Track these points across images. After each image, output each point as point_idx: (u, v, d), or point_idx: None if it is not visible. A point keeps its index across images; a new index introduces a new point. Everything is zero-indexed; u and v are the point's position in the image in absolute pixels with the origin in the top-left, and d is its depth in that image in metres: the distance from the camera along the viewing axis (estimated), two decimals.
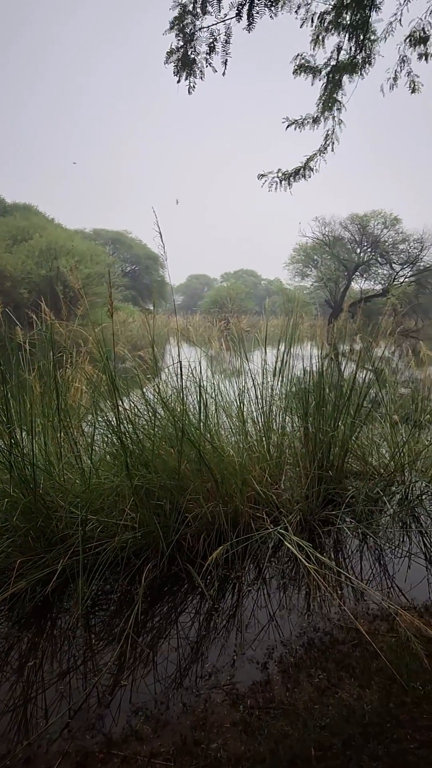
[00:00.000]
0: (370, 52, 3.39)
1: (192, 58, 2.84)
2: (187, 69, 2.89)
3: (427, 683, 1.68)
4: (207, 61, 2.91)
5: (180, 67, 2.89)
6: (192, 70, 2.89)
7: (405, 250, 31.18)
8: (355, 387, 3.55)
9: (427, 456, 3.63)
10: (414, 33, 4.46)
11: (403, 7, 4.17)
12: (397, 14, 4.20)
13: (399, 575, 2.62)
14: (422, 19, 4.43)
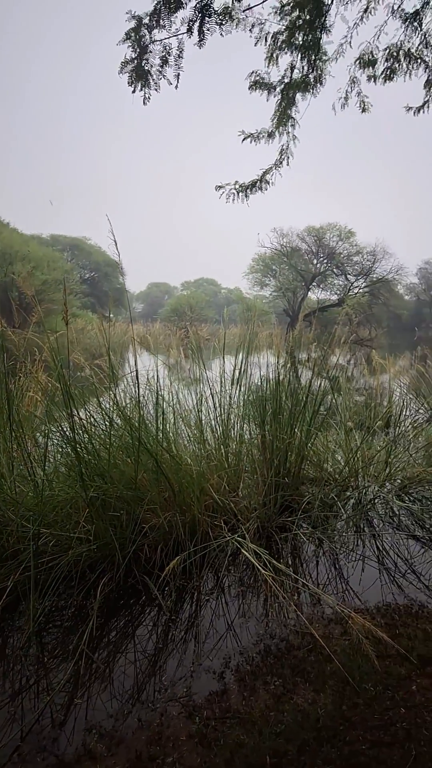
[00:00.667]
0: (322, 72, 3.54)
1: (146, 69, 2.87)
2: (141, 80, 2.91)
3: (378, 684, 1.73)
4: (161, 73, 2.95)
5: (134, 78, 2.91)
6: (147, 82, 2.92)
7: (359, 262, 32.44)
8: (311, 395, 3.63)
9: (379, 461, 3.75)
10: (363, 56, 4.69)
11: (352, 30, 4.38)
12: (347, 37, 4.40)
13: (353, 578, 2.68)
14: (370, 43, 4.67)
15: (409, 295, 48.18)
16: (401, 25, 4.66)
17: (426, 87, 4.97)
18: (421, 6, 4.50)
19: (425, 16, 4.52)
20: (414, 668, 1.82)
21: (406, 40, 4.74)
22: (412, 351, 9.70)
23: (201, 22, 2.65)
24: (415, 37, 4.72)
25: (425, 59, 4.77)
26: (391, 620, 2.18)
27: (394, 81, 4.94)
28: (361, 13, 4.33)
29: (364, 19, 4.40)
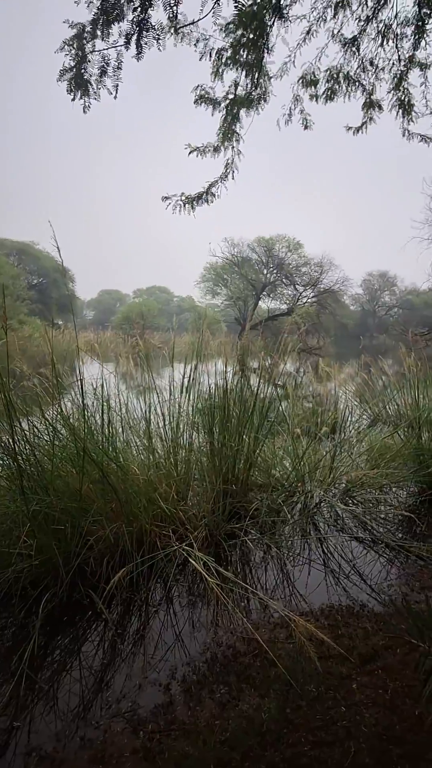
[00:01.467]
0: (265, 89, 3.66)
1: (85, 79, 2.86)
2: (81, 89, 2.90)
3: (320, 684, 1.77)
4: (100, 82, 2.95)
5: (74, 86, 2.89)
6: (86, 90, 2.91)
7: (307, 273, 33.52)
8: (259, 402, 3.70)
9: (325, 466, 3.86)
10: (305, 75, 4.89)
11: (295, 50, 4.56)
12: (291, 56, 4.58)
13: (300, 582, 2.74)
14: (312, 64, 4.88)
15: (355, 305, 50.18)
16: (341, 49, 4.90)
17: (364, 109, 5.24)
18: (359, 33, 4.75)
19: (362, 42, 4.77)
20: (354, 667, 1.88)
21: (345, 64, 4.99)
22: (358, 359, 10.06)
23: (138, 36, 2.68)
24: (353, 61, 4.97)
25: (363, 83, 5.04)
26: (334, 621, 2.24)
27: (335, 101, 5.19)
28: (303, 34, 4.52)
29: (307, 41, 4.60)
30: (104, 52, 2.81)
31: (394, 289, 52.24)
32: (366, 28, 4.68)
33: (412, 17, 4.45)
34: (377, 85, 4.98)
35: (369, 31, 4.78)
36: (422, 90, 4.94)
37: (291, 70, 4.70)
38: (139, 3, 2.55)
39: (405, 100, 4.93)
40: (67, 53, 2.81)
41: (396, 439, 4.47)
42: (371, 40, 4.80)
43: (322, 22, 4.53)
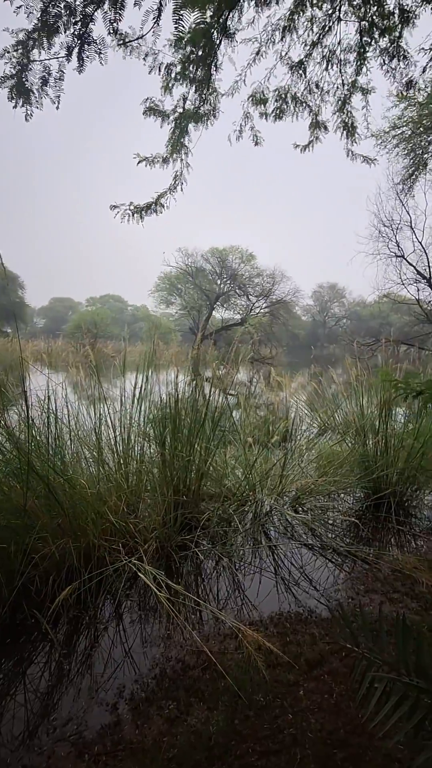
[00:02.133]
0: (214, 106, 3.74)
1: (27, 87, 2.81)
2: (23, 97, 2.85)
3: (268, 693, 1.78)
4: (43, 91, 2.91)
5: (15, 94, 2.83)
6: (28, 99, 2.86)
7: (260, 284, 34.17)
8: (211, 411, 3.72)
9: (275, 474, 3.92)
10: (255, 94, 5.03)
11: (246, 69, 4.69)
12: (242, 75, 4.71)
13: (251, 591, 2.75)
14: (261, 83, 5.02)
15: (306, 315, 51.68)
16: (288, 71, 5.08)
17: (310, 129, 5.45)
18: (305, 56, 4.94)
19: (308, 66, 4.97)
20: (302, 673, 1.91)
21: (293, 85, 5.17)
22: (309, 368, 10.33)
23: (80, 49, 2.67)
24: (300, 83, 5.16)
25: (309, 104, 5.23)
26: (283, 629, 2.27)
27: (284, 120, 5.37)
28: (253, 55, 4.67)
29: (256, 61, 4.75)
30: (46, 62, 2.78)
31: (343, 300, 54.27)
32: (312, 52, 4.87)
33: (354, 44, 4.67)
34: (323, 106, 5.18)
35: (315, 55, 4.98)
36: (364, 113, 5.19)
37: (242, 89, 4.84)
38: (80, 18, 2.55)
39: (348, 122, 5.16)
40: (7, 61, 2.76)
41: (343, 446, 4.62)
42: (317, 64, 5.00)
43: (271, 44, 4.69)
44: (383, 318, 41.81)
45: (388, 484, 4.04)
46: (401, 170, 11.46)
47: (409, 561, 2.99)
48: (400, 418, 5.00)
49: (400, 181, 11.70)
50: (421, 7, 4.38)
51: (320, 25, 4.64)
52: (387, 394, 4.52)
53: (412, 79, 4.53)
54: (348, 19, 4.61)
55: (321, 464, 4.41)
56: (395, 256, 13.95)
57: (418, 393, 1.47)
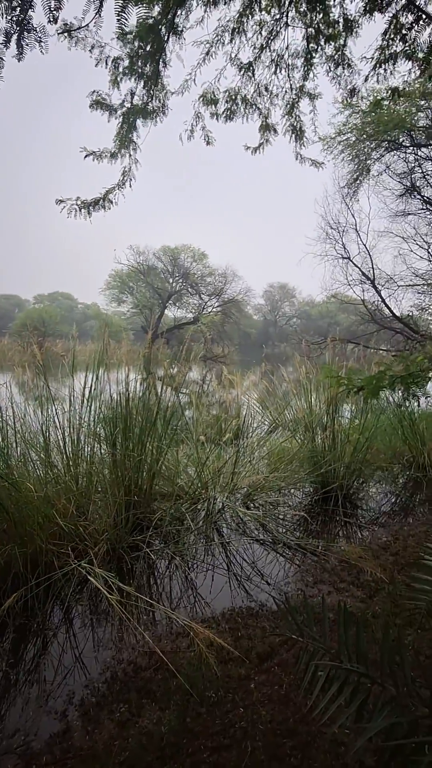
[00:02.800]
0: (163, 102, 3.71)
1: None
2: None
3: (220, 689, 1.80)
4: None
5: None
6: None
7: (212, 283, 34.31)
8: (163, 410, 3.70)
9: (227, 471, 3.96)
10: (206, 94, 5.04)
11: (196, 69, 4.70)
12: (192, 75, 4.71)
13: (204, 588, 2.76)
14: (212, 84, 5.04)
15: (257, 315, 52.42)
16: (238, 73, 5.12)
17: (260, 131, 5.53)
18: (254, 59, 5.00)
19: (257, 69, 5.03)
20: (253, 666, 1.94)
21: (242, 87, 5.23)
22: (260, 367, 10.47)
23: (19, 36, 2.58)
24: (250, 85, 5.23)
25: (259, 106, 5.31)
26: (234, 624, 2.30)
27: (235, 121, 5.42)
28: (203, 55, 4.68)
29: (207, 61, 4.76)
30: None
31: (293, 300, 55.45)
32: (260, 55, 4.94)
33: (301, 50, 4.78)
34: (272, 109, 5.27)
35: (263, 58, 5.05)
36: (311, 118, 5.32)
37: (192, 89, 4.84)
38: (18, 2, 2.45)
39: (297, 126, 5.28)
40: None
41: (293, 442, 4.73)
42: (266, 67, 5.07)
43: (221, 45, 4.72)
44: (331, 317, 43.17)
45: (336, 478, 4.18)
46: (346, 175, 11.86)
47: (354, 551, 3.10)
48: (347, 414, 5.19)
49: (345, 185, 12.08)
50: (364, 17, 4.54)
51: (268, 29, 4.71)
52: (334, 391, 4.67)
53: (355, 86, 4.69)
54: (295, 25, 4.71)
55: (272, 460, 4.50)
56: (342, 258, 14.38)
57: (359, 389, 1.52)
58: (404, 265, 16.71)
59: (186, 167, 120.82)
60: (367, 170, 11.54)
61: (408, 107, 9.73)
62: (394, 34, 4.42)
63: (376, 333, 14.69)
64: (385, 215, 21.78)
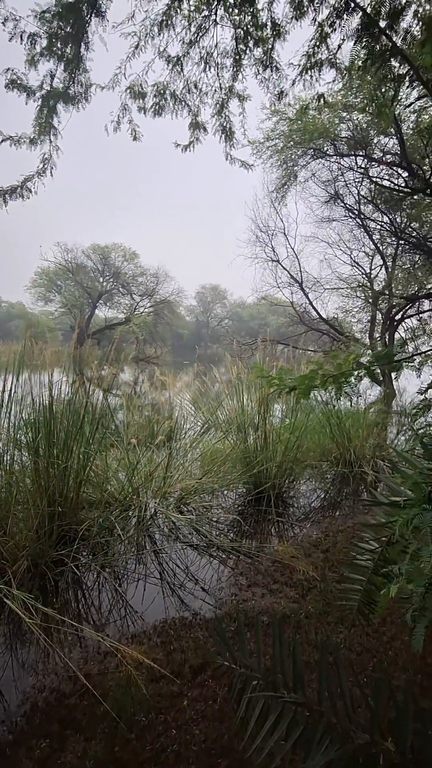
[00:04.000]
0: (86, 88, 3.53)
1: None
2: None
3: (151, 710, 1.69)
4: None
5: None
6: None
7: (143, 283, 33.79)
8: (91, 413, 3.51)
9: (160, 476, 3.84)
10: (133, 86, 4.89)
11: (126, 63, 4.56)
12: (122, 68, 4.57)
13: (135, 600, 2.63)
14: (140, 76, 4.90)
15: (190, 316, 52.52)
16: (166, 67, 5.03)
17: (190, 129, 5.46)
18: (183, 55, 4.93)
19: (186, 65, 4.96)
20: (186, 682, 1.85)
21: (171, 82, 5.13)
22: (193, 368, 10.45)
23: None
24: (179, 81, 5.14)
25: (188, 103, 5.24)
26: (167, 637, 2.19)
27: (163, 117, 5.32)
28: (132, 48, 4.53)
29: (136, 55, 4.62)
30: None
31: (224, 301, 56.16)
32: (189, 51, 4.87)
33: (230, 50, 4.77)
34: (202, 108, 5.23)
35: (192, 55, 4.99)
36: (241, 119, 5.34)
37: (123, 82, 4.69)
38: None
39: (227, 126, 5.28)
40: None
41: (226, 443, 4.70)
42: (195, 64, 5.01)
43: (150, 38, 4.60)
44: (262, 319, 44.19)
45: (268, 478, 4.20)
46: (275, 180, 12.14)
47: (287, 551, 3.12)
48: (278, 414, 5.26)
49: (274, 190, 12.37)
50: (291, 24, 4.62)
51: (197, 24, 4.66)
52: (265, 391, 4.70)
53: (283, 90, 4.76)
54: (224, 24, 4.69)
55: (205, 462, 4.44)
56: (271, 261, 14.75)
57: (291, 389, 1.48)
58: (329, 270, 17.52)
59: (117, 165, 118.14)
60: (294, 176, 11.88)
61: (332, 117, 10.12)
62: (319, 42, 4.54)
63: (304, 334, 15.23)
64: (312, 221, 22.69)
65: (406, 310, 13.53)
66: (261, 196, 22.53)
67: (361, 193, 12.42)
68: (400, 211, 11.72)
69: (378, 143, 10.62)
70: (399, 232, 11.94)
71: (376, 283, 13.82)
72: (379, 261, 13.72)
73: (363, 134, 10.31)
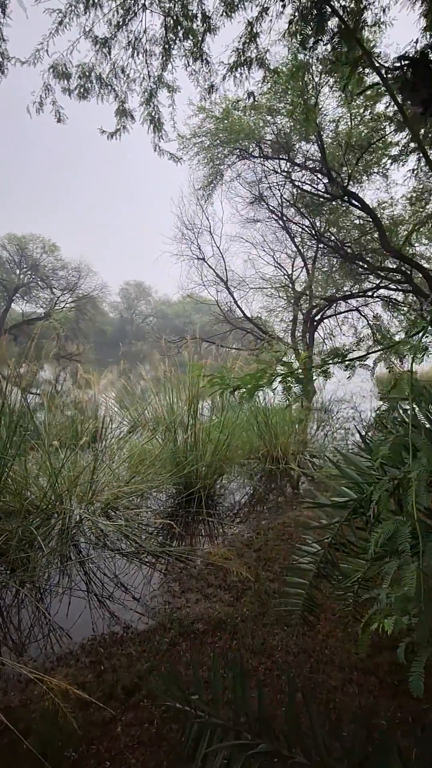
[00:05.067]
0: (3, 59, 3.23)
1: None
2: None
3: (81, 741, 1.53)
4: None
5: None
6: None
7: (64, 277, 32.28)
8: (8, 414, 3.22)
9: (85, 479, 3.62)
10: (56, 66, 4.61)
11: (49, 39, 4.25)
12: (43, 43, 4.26)
13: (60, 616, 2.44)
14: (64, 56, 4.62)
15: (113, 312, 51.21)
16: (92, 48, 4.78)
17: (117, 116, 5.24)
18: (110, 36, 4.71)
19: (113, 47, 4.74)
20: (119, 704, 1.72)
21: (97, 65, 4.90)
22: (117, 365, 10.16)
23: None
24: (105, 64, 4.92)
25: (115, 88, 5.02)
26: (96, 656, 2.03)
27: (89, 101, 5.07)
28: (56, 24, 4.26)
29: (60, 31, 4.33)
30: None
31: (149, 299, 55.45)
32: (116, 34, 4.66)
33: (160, 38, 4.63)
34: (129, 94, 5.03)
35: (120, 38, 4.79)
36: (171, 111, 5.21)
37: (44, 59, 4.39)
38: None
39: (155, 116, 5.12)
40: None
41: (155, 443, 4.57)
42: (123, 48, 4.81)
43: (75, 16, 4.34)
44: (187, 317, 44.18)
45: (198, 478, 4.14)
46: (201, 177, 12.11)
47: (220, 552, 3.06)
48: (206, 412, 5.22)
49: (200, 188, 12.33)
50: (221, 20, 4.57)
51: (126, 7, 4.47)
52: (195, 390, 4.63)
53: (213, 84, 4.70)
54: (154, 10, 4.54)
55: (133, 463, 4.27)
56: (197, 259, 14.74)
57: (235, 388, 1.41)
58: (253, 269, 17.90)
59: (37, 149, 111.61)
60: (220, 175, 11.93)
61: (257, 120, 10.27)
62: (249, 40, 4.54)
63: (230, 332, 15.41)
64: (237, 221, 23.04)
65: (325, 310, 14.16)
66: (187, 193, 22.45)
67: (284, 196, 12.79)
68: (319, 215, 12.20)
69: (300, 149, 10.97)
70: (318, 235, 12.43)
71: (298, 284, 14.31)
72: (301, 263, 14.23)
73: (287, 139, 10.59)
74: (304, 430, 6.70)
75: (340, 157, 10.10)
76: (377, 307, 14.25)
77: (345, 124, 9.87)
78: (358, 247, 11.83)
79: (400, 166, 8.65)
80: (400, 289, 12.11)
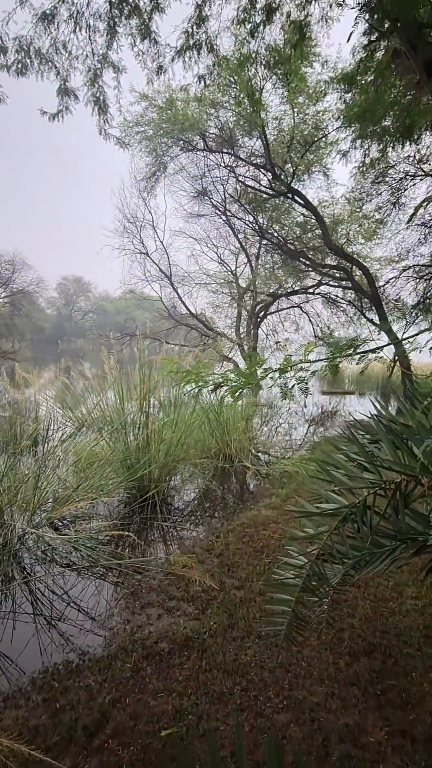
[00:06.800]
0: None
1: None
2: None
3: None
4: None
5: None
6: None
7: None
8: None
9: (28, 488, 3.30)
10: None
11: None
12: None
13: (4, 644, 2.16)
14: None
15: (51, 308, 49.20)
16: (32, 20, 4.43)
17: (58, 95, 4.89)
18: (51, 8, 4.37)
19: (53, 21, 4.41)
20: (80, 750, 1.50)
21: (37, 38, 4.54)
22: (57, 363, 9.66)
23: None
24: (45, 38, 4.57)
25: (56, 65, 4.67)
26: (49, 692, 1.79)
27: (28, 77, 4.69)
28: None
29: None
30: None
31: (89, 294, 53.84)
32: (58, 6, 4.33)
33: (104, 13, 4.34)
34: (72, 73, 4.69)
35: (62, 12, 4.45)
36: (116, 94, 4.93)
37: None
38: None
39: (101, 98, 4.82)
40: None
41: (104, 445, 4.29)
42: (64, 21, 4.47)
43: None
44: (128, 313, 43.27)
45: (152, 481, 3.93)
46: (144, 168, 11.74)
47: (180, 561, 2.89)
48: (157, 411, 5.00)
49: (143, 179, 11.96)
50: None
51: None
52: (146, 387, 4.41)
53: (162, 65, 4.48)
54: None
55: (80, 467, 3.98)
56: (139, 253, 14.35)
57: (217, 386, 1.25)
58: (197, 265, 17.76)
59: None
60: (164, 167, 11.64)
61: (200, 112, 10.10)
62: (198, 23, 4.35)
63: (173, 329, 15.16)
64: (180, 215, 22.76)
65: (269, 307, 14.30)
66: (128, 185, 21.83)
67: (227, 191, 12.71)
68: (263, 212, 12.25)
69: (244, 144, 10.93)
70: (262, 232, 12.48)
71: (242, 280, 14.32)
72: (244, 259, 14.24)
73: (230, 133, 10.50)
74: (250, 426, 6.64)
75: (284, 153, 10.15)
76: (318, 304, 14.61)
77: (288, 122, 9.93)
78: (301, 244, 12.01)
79: (347, 162, 8.80)
80: (341, 286, 12.42)
